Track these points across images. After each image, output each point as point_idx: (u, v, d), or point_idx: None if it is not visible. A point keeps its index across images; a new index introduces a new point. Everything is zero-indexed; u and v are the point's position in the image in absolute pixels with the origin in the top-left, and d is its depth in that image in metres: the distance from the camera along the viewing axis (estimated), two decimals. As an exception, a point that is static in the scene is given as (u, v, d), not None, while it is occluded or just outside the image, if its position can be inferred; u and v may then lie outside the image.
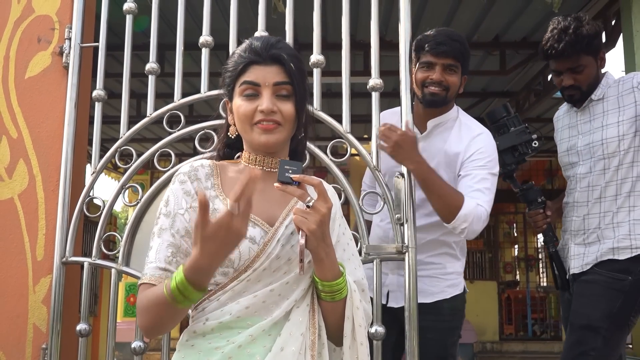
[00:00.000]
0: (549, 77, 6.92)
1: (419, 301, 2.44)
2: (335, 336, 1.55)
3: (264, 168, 1.60)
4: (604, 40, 2.90)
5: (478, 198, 2.41)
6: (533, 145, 2.78)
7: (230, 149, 1.70)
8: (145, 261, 1.52)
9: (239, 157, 1.67)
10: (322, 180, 1.45)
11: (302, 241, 1.41)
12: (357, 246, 1.81)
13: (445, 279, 2.58)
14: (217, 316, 1.48)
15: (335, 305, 1.51)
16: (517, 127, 2.79)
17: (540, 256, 11.96)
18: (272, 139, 1.54)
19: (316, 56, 2.47)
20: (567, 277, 2.84)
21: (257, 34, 2.48)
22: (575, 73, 2.73)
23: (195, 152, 2.53)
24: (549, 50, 2.73)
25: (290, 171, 1.42)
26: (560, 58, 2.72)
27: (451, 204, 2.37)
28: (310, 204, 1.43)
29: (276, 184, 1.43)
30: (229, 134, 1.65)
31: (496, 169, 2.53)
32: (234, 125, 1.61)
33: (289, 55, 1.57)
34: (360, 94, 4.14)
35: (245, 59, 1.56)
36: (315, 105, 2.44)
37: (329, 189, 1.67)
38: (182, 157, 2.53)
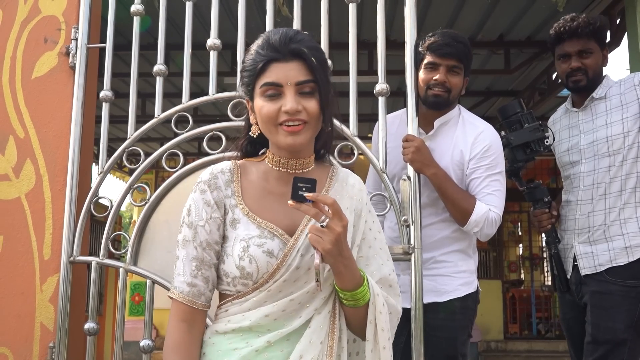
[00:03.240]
0: (554, 76, 6.91)
1: (432, 300, 2.51)
2: (360, 335, 1.55)
3: (289, 170, 1.56)
4: (608, 39, 2.93)
5: (490, 203, 2.49)
6: (545, 142, 2.78)
7: (253, 145, 1.66)
8: (173, 271, 1.57)
9: (263, 152, 1.63)
10: (335, 199, 1.40)
11: (317, 261, 1.39)
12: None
13: (458, 277, 2.60)
14: (237, 320, 1.50)
15: (358, 310, 1.50)
16: (531, 124, 2.78)
17: (544, 255, 11.93)
18: (298, 140, 1.50)
19: (323, 58, 2.48)
20: (569, 277, 2.84)
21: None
22: (583, 57, 2.78)
23: (201, 152, 2.54)
24: (563, 28, 2.78)
25: (303, 189, 1.38)
26: (573, 38, 2.77)
27: (463, 210, 2.48)
28: (325, 223, 1.40)
29: (290, 202, 1.39)
30: (250, 133, 1.61)
31: (503, 165, 2.58)
32: (257, 124, 1.57)
33: (310, 48, 1.51)
34: (364, 93, 4.14)
35: (264, 57, 1.50)
36: (322, 107, 2.45)
37: (355, 183, 1.64)
38: (188, 156, 2.55)
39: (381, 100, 2.46)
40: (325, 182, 1.62)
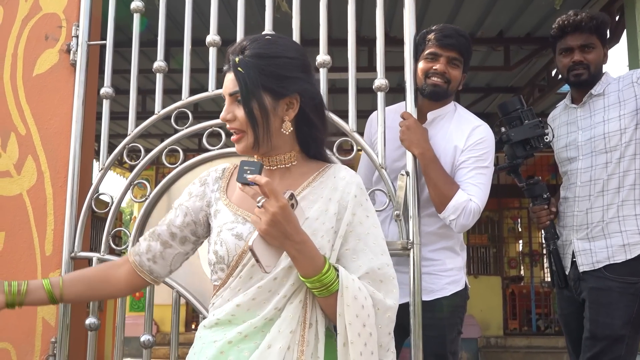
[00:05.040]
0: (554, 72, 6.92)
1: None
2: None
3: (270, 167, 1.65)
4: (608, 35, 2.94)
5: (473, 193, 2.45)
6: (545, 139, 2.78)
7: None
8: None
9: None
10: (269, 180, 1.42)
11: (250, 242, 1.41)
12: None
13: (446, 275, 2.58)
14: (218, 312, 1.56)
15: (328, 300, 1.50)
16: (531, 121, 2.77)
17: (544, 251, 11.95)
18: (239, 148, 1.62)
19: (322, 56, 2.49)
20: (567, 273, 2.85)
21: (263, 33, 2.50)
22: (585, 52, 2.80)
23: (201, 148, 2.55)
24: (566, 22, 2.80)
25: (248, 172, 1.44)
26: (576, 32, 2.79)
27: (443, 194, 2.44)
28: (260, 204, 1.42)
29: (238, 185, 1.48)
30: None
31: (492, 163, 2.57)
32: None
33: (247, 56, 1.56)
34: (364, 90, 4.15)
35: (224, 70, 1.63)
36: (321, 104, 2.46)
37: (346, 176, 1.65)
38: (188, 152, 2.57)
39: (380, 96, 2.47)
40: (311, 175, 1.66)
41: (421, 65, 2.58)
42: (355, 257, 1.57)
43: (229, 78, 1.59)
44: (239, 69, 1.56)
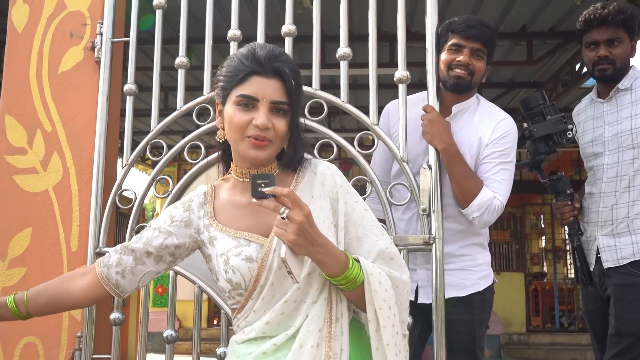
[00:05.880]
0: (577, 66, 6.85)
1: (453, 295, 2.49)
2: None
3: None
4: (636, 28, 2.90)
5: (497, 190, 2.44)
6: (568, 135, 2.75)
7: (228, 155, 1.70)
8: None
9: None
10: (291, 189, 1.43)
11: (283, 254, 1.40)
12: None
13: (477, 270, 2.58)
14: (248, 331, 1.56)
15: (356, 291, 1.51)
16: (554, 116, 2.73)
17: (567, 248, 11.84)
18: (261, 155, 1.55)
19: (343, 49, 2.49)
20: (592, 270, 2.82)
21: (283, 29, 2.50)
22: (611, 46, 2.76)
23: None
24: (593, 15, 2.76)
25: (262, 185, 1.40)
26: (602, 25, 2.75)
27: (468, 192, 2.42)
28: (284, 215, 1.41)
29: (253, 200, 1.43)
30: (217, 137, 1.67)
31: (514, 157, 2.55)
32: (223, 129, 1.62)
33: (291, 70, 1.56)
34: (385, 86, 4.14)
35: (247, 68, 1.55)
36: (343, 98, 2.46)
37: (325, 170, 1.65)
38: (209, 148, 2.58)
39: (401, 88, 2.45)
40: (292, 180, 1.65)
41: (444, 56, 2.53)
42: (360, 243, 1.58)
43: (272, 84, 1.54)
44: (292, 81, 1.55)
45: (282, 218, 1.41)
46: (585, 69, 6.62)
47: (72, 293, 1.70)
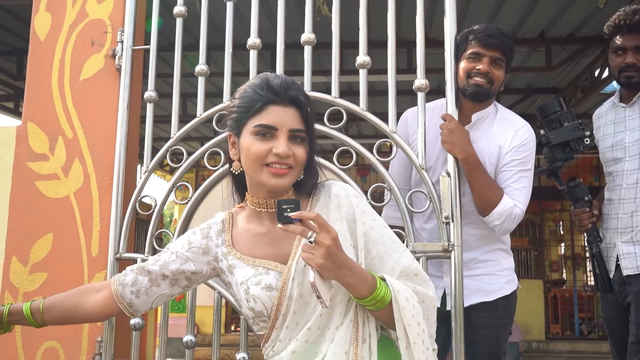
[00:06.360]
0: (596, 72, 6.79)
1: (480, 300, 2.52)
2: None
3: (269, 210, 1.62)
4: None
5: (517, 198, 2.46)
6: (585, 142, 2.73)
7: (242, 186, 1.72)
8: None
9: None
10: (318, 213, 1.45)
11: (312, 279, 1.40)
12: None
13: (503, 275, 2.60)
14: None
15: (383, 311, 1.51)
16: (571, 123, 2.72)
17: (587, 254, 11.73)
18: (283, 183, 1.55)
19: (362, 57, 2.49)
20: (611, 277, 2.79)
21: (302, 37, 2.51)
22: (639, 53, 2.72)
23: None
24: (622, 21, 2.73)
25: (288, 210, 1.41)
26: (632, 32, 2.72)
27: (489, 200, 2.44)
28: (312, 239, 1.41)
29: (279, 226, 1.43)
30: (232, 169, 1.67)
31: (533, 164, 2.56)
32: (239, 161, 1.62)
33: (305, 98, 1.59)
34: (402, 92, 4.14)
35: (263, 98, 1.55)
36: (362, 106, 2.47)
37: (339, 192, 1.65)
38: (228, 154, 2.61)
39: (420, 96, 2.45)
40: (307, 204, 1.65)
41: (463, 65, 2.54)
42: (383, 262, 1.58)
43: (289, 113, 1.55)
44: (308, 109, 1.57)
45: (310, 242, 1.41)
46: (605, 75, 6.57)
47: (86, 308, 1.75)
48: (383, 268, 1.57)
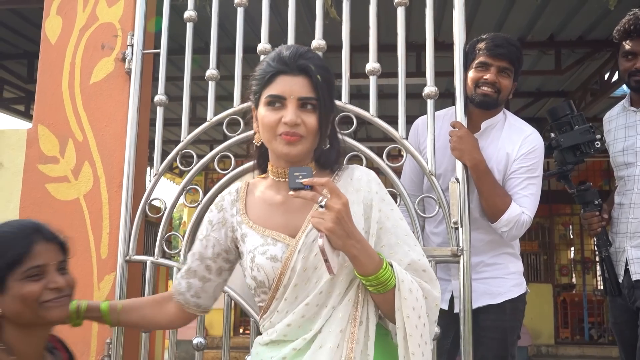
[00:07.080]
0: (606, 75, 6.77)
1: (487, 302, 2.55)
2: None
3: (287, 180, 1.60)
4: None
5: (525, 205, 2.49)
6: (596, 145, 2.72)
7: (265, 158, 1.73)
8: None
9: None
10: (329, 179, 1.47)
11: (321, 242, 1.41)
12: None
13: (511, 278, 2.63)
14: (270, 333, 1.59)
15: (385, 296, 1.50)
16: (582, 126, 2.71)
17: (597, 258, 11.66)
18: (293, 151, 1.57)
19: (372, 64, 2.49)
20: (620, 281, 2.78)
21: (313, 44, 2.51)
22: None
23: (250, 154, 2.58)
24: (632, 26, 2.71)
25: (300, 177, 1.43)
26: None
27: (497, 207, 2.47)
28: (323, 203, 1.43)
29: (290, 192, 1.45)
30: (254, 141, 1.70)
31: (541, 172, 2.59)
32: (259, 132, 1.66)
33: (317, 66, 1.59)
34: (411, 95, 4.13)
35: (273, 69, 1.58)
36: (372, 112, 2.47)
37: (362, 176, 1.66)
38: (237, 158, 2.61)
39: (429, 103, 2.46)
40: None
41: (471, 74, 2.58)
42: (392, 252, 1.58)
43: (298, 82, 1.57)
44: (318, 76, 1.57)
45: (321, 206, 1.43)
46: (615, 78, 6.55)
47: (162, 319, 1.86)
48: (391, 258, 1.56)
